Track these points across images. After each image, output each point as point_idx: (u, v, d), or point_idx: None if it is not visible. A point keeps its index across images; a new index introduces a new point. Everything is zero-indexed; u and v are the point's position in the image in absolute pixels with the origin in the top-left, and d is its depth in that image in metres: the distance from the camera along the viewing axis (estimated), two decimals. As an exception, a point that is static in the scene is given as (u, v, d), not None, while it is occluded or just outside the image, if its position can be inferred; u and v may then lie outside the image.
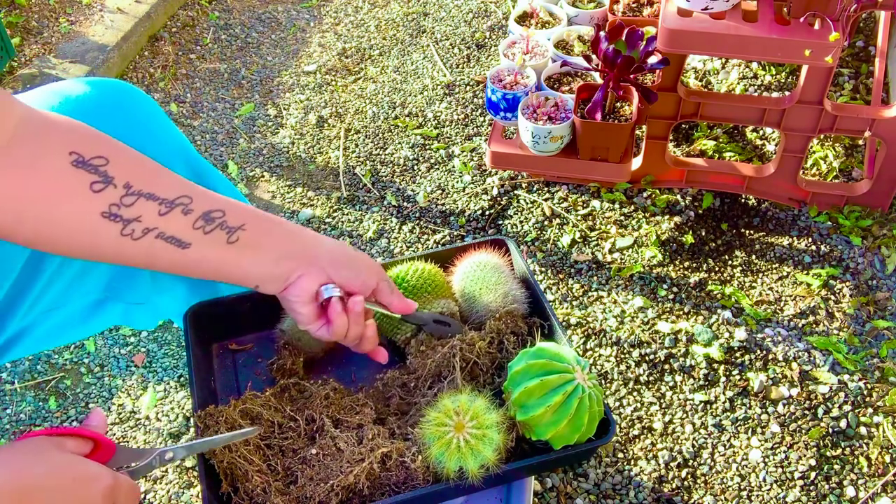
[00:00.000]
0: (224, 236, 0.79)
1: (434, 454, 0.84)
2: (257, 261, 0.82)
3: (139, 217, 0.74)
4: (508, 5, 2.37)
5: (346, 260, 0.87)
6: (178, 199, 0.76)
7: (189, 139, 2.07)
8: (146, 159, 0.78)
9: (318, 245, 0.85)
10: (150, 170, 0.77)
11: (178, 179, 0.79)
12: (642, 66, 1.41)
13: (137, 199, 0.74)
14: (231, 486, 0.86)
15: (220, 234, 0.78)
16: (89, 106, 0.88)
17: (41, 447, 0.68)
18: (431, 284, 1.03)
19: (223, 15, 2.54)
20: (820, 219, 1.66)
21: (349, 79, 2.25)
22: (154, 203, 0.75)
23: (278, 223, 0.84)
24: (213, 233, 0.78)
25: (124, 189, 0.73)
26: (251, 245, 0.80)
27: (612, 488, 1.31)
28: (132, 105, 0.92)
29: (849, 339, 1.47)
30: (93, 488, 0.68)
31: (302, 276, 0.85)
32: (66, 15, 2.35)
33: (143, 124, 0.93)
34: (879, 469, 1.30)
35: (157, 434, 1.43)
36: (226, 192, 1.07)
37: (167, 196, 0.75)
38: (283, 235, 0.83)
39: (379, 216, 1.81)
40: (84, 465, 0.69)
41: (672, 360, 1.46)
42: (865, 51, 2.01)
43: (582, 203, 1.76)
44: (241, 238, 0.79)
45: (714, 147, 1.83)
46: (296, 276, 0.84)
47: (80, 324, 1.05)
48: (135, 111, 0.92)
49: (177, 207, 0.76)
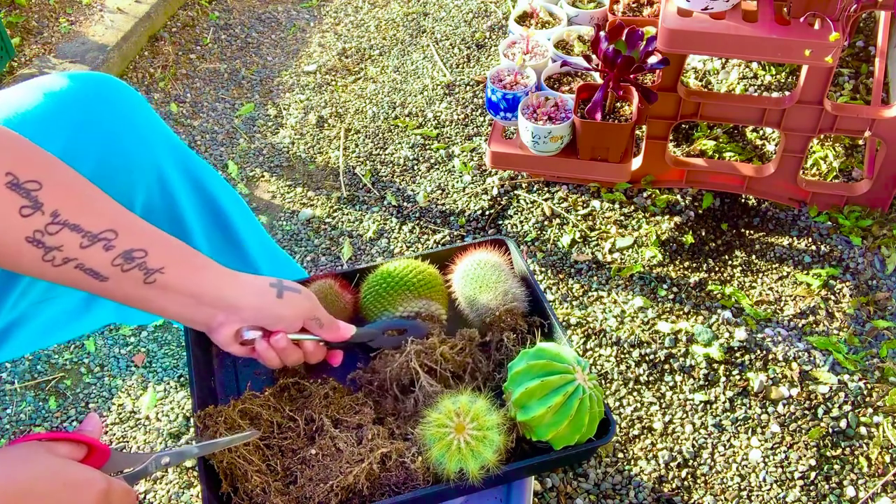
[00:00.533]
0: (141, 276, 0.79)
1: (434, 455, 0.84)
2: (173, 304, 0.82)
3: (60, 246, 0.75)
4: (508, 5, 2.37)
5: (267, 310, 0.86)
6: (103, 233, 0.76)
7: (189, 139, 2.07)
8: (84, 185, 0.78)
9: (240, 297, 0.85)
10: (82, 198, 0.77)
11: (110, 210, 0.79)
12: (642, 66, 1.41)
13: (62, 228, 0.74)
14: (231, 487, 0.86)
15: (138, 274, 0.79)
16: (71, 100, 0.88)
17: (32, 452, 0.67)
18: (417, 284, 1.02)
19: (223, 15, 2.54)
20: (820, 219, 1.66)
21: (349, 79, 2.25)
22: (77, 235, 0.75)
23: (203, 268, 0.84)
24: (130, 272, 0.78)
25: (51, 217, 0.73)
26: (167, 288, 0.81)
27: (612, 488, 1.31)
28: (114, 98, 0.92)
29: (849, 339, 1.47)
30: (85, 493, 0.68)
31: (222, 323, 0.85)
32: (66, 15, 2.35)
33: (126, 117, 0.92)
34: (879, 469, 1.30)
35: (157, 434, 1.43)
36: (215, 183, 1.07)
37: (91, 229, 0.76)
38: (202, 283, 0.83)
39: (379, 216, 1.81)
40: (76, 470, 0.69)
41: (672, 360, 1.46)
42: (865, 51, 2.01)
43: (582, 203, 1.76)
44: (157, 280, 0.80)
45: (714, 147, 1.83)
46: (216, 322, 0.85)
47: (75, 319, 1.05)
48: (117, 104, 0.92)
49: (99, 242, 0.76)
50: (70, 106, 0.88)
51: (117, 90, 0.93)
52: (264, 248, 1.17)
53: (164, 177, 0.98)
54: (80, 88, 0.89)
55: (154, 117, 0.97)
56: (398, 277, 1.02)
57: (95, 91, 0.91)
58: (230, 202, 1.10)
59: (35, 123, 0.83)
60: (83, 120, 0.88)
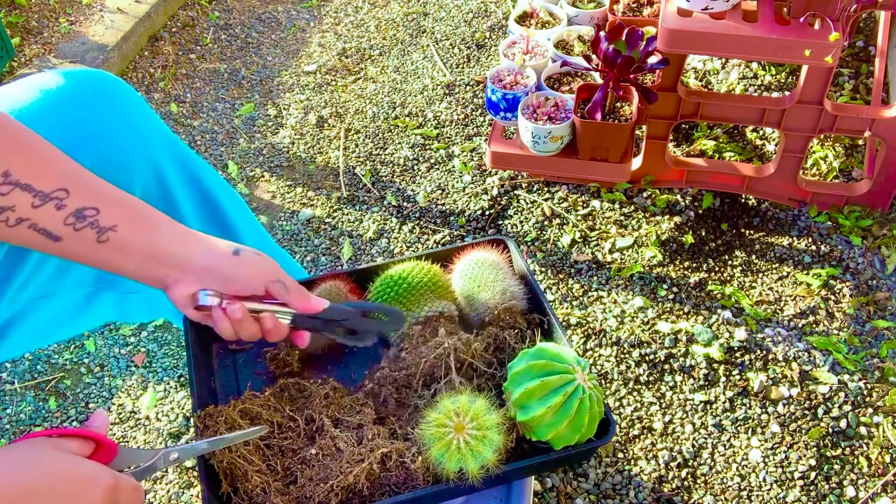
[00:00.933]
0: (94, 235, 0.79)
1: (434, 455, 0.84)
2: (126, 262, 0.82)
3: (13, 207, 0.75)
4: (508, 5, 2.37)
5: (224, 268, 0.85)
6: (55, 192, 0.77)
7: (189, 139, 2.07)
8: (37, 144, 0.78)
9: (193, 253, 0.84)
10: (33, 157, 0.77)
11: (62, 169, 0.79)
12: (642, 66, 1.41)
13: (13, 188, 0.75)
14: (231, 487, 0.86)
15: (90, 233, 0.79)
16: (66, 98, 0.88)
17: (39, 448, 0.67)
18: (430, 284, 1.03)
19: (223, 15, 2.54)
20: (820, 219, 1.66)
21: (349, 79, 2.25)
22: (29, 195, 0.75)
23: (157, 225, 0.83)
24: (83, 230, 0.78)
25: (2, 177, 0.74)
26: (118, 247, 0.80)
27: (612, 488, 1.31)
28: (110, 95, 0.92)
29: (849, 339, 1.47)
30: (92, 489, 0.68)
31: (176, 281, 0.84)
32: (66, 15, 2.35)
33: (121, 113, 0.92)
34: (879, 469, 1.30)
35: (157, 434, 1.43)
36: (213, 181, 1.07)
37: (43, 189, 0.76)
38: (155, 240, 0.82)
39: (379, 216, 1.81)
40: (83, 466, 0.69)
41: (672, 360, 1.46)
42: (865, 51, 2.01)
43: (582, 203, 1.76)
44: (110, 238, 0.80)
45: (714, 147, 1.83)
46: (170, 280, 0.84)
47: (74, 316, 1.04)
48: (113, 101, 0.92)
49: (50, 202, 0.76)
50: (66, 103, 0.88)
51: (113, 86, 0.93)
52: (261, 244, 1.17)
53: (161, 172, 0.98)
54: (76, 86, 0.89)
55: (150, 113, 0.97)
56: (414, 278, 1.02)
57: (91, 88, 0.91)
58: (226, 198, 1.10)
59: (30, 121, 0.83)
60: (79, 117, 0.88)
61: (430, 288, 1.03)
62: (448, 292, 1.06)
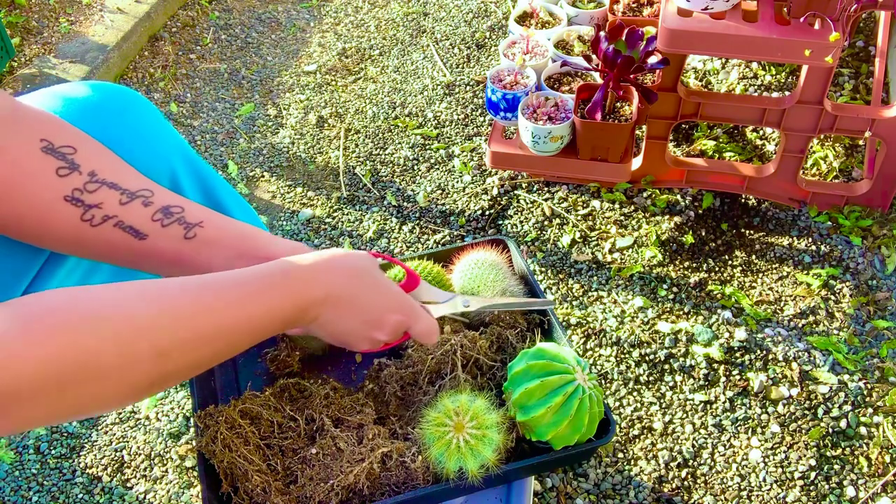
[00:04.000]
0: (181, 231, 0.80)
1: (434, 454, 0.84)
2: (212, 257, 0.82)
3: (100, 204, 0.76)
4: (508, 5, 2.37)
5: None
6: (140, 191, 0.78)
7: (189, 139, 2.07)
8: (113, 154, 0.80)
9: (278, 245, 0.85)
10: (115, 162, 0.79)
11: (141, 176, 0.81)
12: (642, 66, 1.41)
13: (101, 186, 0.76)
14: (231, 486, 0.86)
15: (178, 229, 0.80)
16: (91, 109, 0.88)
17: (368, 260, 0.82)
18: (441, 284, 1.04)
19: (223, 15, 2.54)
20: (820, 219, 1.66)
21: (349, 79, 2.25)
22: (116, 192, 0.77)
23: (236, 225, 0.85)
24: (170, 226, 0.79)
25: (89, 176, 0.75)
26: (207, 242, 0.81)
27: (612, 488, 1.31)
28: (134, 110, 0.93)
29: (849, 339, 1.47)
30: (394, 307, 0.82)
31: None
32: (66, 15, 2.35)
33: (144, 130, 0.93)
34: (879, 469, 1.30)
35: (158, 434, 1.43)
36: (229, 198, 1.08)
37: (129, 187, 0.77)
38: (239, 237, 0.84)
39: (379, 216, 1.81)
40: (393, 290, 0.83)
41: (672, 360, 1.46)
42: (865, 51, 2.01)
43: (582, 203, 1.76)
44: (198, 234, 0.80)
45: (714, 147, 1.83)
46: None
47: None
48: (137, 117, 0.93)
49: (138, 199, 0.78)
50: (89, 114, 0.88)
51: (137, 103, 0.94)
52: None
53: (177, 181, 0.99)
54: (102, 99, 0.90)
55: (169, 129, 0.99)
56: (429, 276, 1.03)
57: (116, 103, 0.91)
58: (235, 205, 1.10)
59: None
60: (101, 128, 0.88)
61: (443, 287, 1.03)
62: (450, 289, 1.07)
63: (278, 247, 0.85)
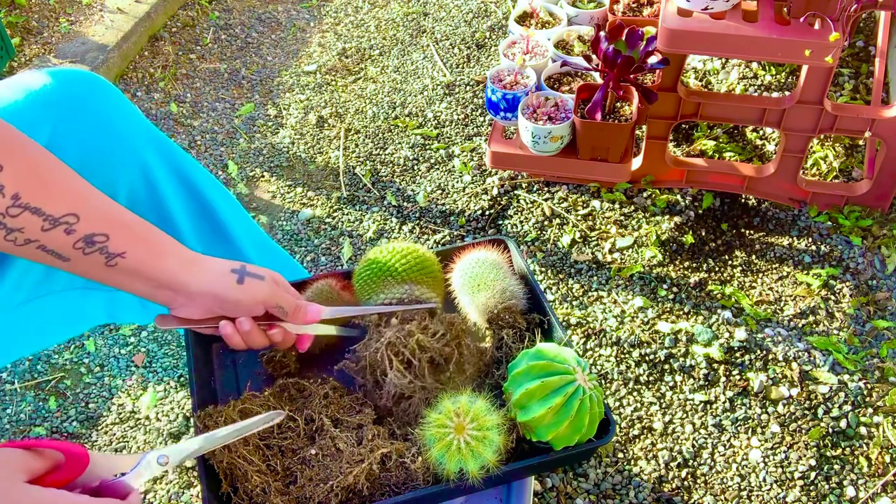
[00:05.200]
0: (102, 260, 0.80)
1: (434, 456, 0.84)
2: (135, 284, 0.84)
3: (21, 229, 0.75)
4: (508, 5, 2.37)
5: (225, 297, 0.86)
6: (64, 217, 0.77)
7: (189, 139, 2.07)
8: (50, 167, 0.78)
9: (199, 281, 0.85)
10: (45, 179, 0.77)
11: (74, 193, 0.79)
12: (642, 66, 1.41)
13: (23, 211, 0.75)
14: (231, 487, 0.86)
15: (99, 258, 0.80)
16: (50, 100, 0.88)
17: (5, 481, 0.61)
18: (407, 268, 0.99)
19: (223, 15, 2.54)
20: (820, 219, 1.66)
21: (349, 79, 2.25)
22: (38, 218, 0.76)
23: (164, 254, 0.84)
24: (92, 255, 0.80)
25: (12, 200, 0.74)
26: (128, 272, 0.82)
27: (612, 488, 1.31)
28: (97, 98, 0.92)
29: (849, 339, 1.47)
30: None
31: (183, 305, 0.86)
32: (66, 15, 2.35)
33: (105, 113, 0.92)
34: (879, 469, 1.30)
35: (158, 434, 1.43)
36: (212, 190, 1.07)
37: (53, 213, 0.76)
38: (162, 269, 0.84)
39: (379, 216, 1.81)
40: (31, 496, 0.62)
41: (672, 360, 1.46)
42: (865, 51, 2.01)
43: (582, 203, 1.76)
44: (119, 264, 0.81)
45: (714, 147, 1.83)
46: (178, 304, 0.86)
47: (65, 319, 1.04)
48: (101, 105, 0.92)
49: (60, 226, 0.77)
50: (51, 103, 0.88)
51: (96, 86, 0.93)
52: (255, 241, 1.17)
53: (149, 172, 0.98)
54: (60, 86, 0.89)
55: (135, 113, 0.97)
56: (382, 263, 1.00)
57: (76, 88, 0.90)
58: (218, 196, 1.09)
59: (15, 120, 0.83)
60: (61, 120, 0.88)
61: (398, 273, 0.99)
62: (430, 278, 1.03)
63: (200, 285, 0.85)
